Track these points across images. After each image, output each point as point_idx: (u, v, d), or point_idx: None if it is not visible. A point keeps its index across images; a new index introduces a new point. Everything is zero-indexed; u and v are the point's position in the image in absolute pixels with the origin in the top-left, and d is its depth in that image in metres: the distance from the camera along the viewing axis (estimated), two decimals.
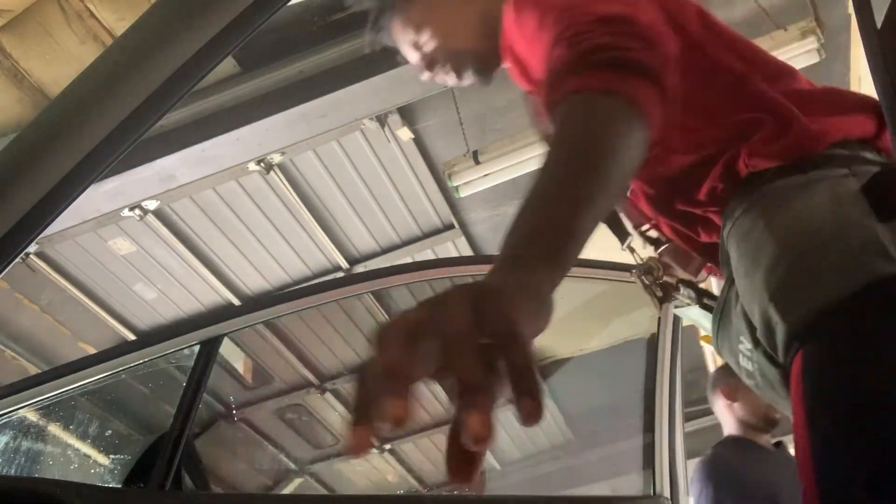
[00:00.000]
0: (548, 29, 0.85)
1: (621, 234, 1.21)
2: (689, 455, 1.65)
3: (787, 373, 0.77)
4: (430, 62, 1.21)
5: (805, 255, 0.78)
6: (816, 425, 0.69)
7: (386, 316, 4.01)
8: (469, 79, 1.20)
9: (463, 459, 0.46)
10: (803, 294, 0.76)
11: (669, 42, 0.82)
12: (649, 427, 1.56)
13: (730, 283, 0.92)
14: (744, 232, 0.86)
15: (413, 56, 1.24)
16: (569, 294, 1.84)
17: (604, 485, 2.43)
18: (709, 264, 1.12)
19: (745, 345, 0.87)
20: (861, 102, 0.93)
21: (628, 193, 1.10)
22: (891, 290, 0.71)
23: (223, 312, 1.64)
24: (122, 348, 1.62)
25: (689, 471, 1.91)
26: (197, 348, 1.54)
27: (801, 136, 0.86)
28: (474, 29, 1.16)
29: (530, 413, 0.45)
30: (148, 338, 1.61)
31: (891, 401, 0.65)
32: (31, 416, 1.73)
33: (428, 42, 1.20)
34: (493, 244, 4.53)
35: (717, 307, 0.98)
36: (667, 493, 1.60)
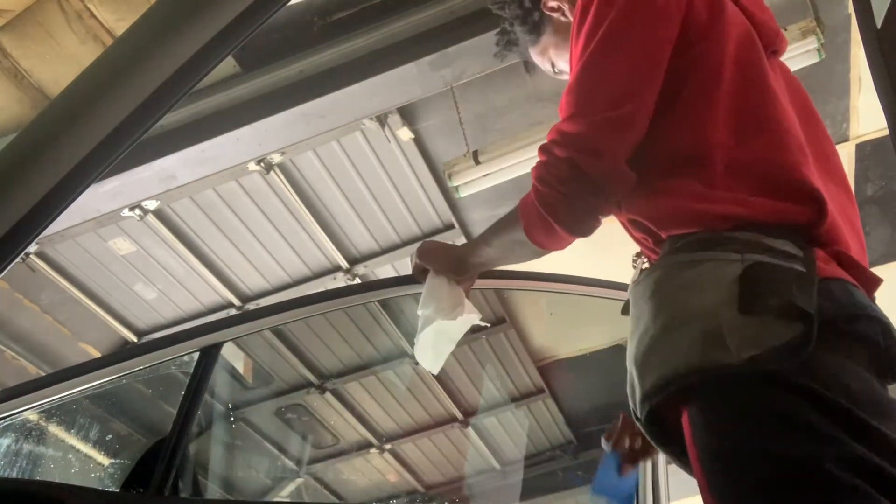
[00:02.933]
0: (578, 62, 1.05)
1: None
2: None
3: (644, 426, 0.92)
4: None
5: (663, 333, 0.88)
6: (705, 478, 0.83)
7: (387, 317, 4.02)
8: None
9: None
10: (652, 366, 0.88)
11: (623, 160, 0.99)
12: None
13: None
14: (637, 296, 0.98)
15: (554, 75, 1.38)
16: (569, 297, 1.84)
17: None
18: None
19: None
20: (802, 188, 0.94)
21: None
22: (710, 377, 0.82)
23: (223, 320, 1.64)
24: (122, 354, 1.62)
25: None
26: (196, 355, 1.54)
27: (707, 215, 0.93)
28: None
29: None
30: (148, 344, 1.61)
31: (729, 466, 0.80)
32: (33, 419, 1.73)
33: (563, 73, 1.33)
34: None
35: None
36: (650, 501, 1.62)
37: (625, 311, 1.07)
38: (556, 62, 1.33)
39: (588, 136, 0.97)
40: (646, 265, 1.12)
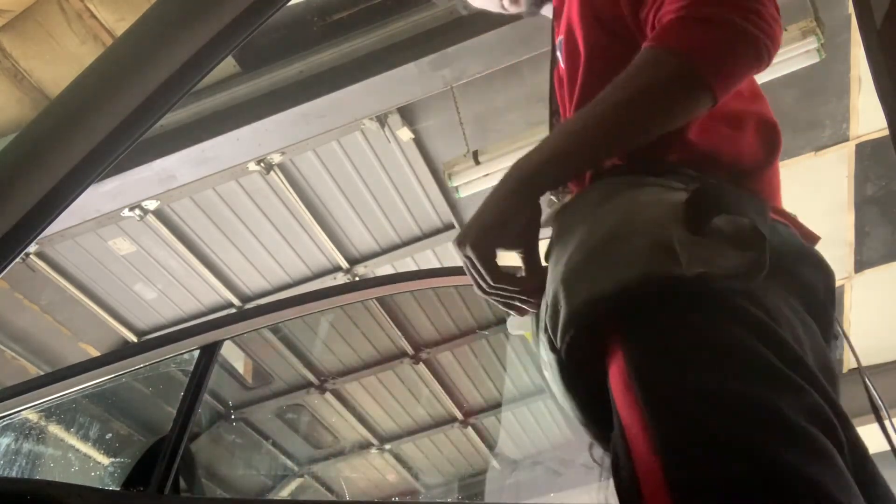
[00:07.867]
0: None
1: None
2: None
3: (561, 360, 0.76)
4: None
5: (603, 244, 0.76)
6: (650, 424, 0.66)
7: (387, 317, 4.02)
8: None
9: None
10: (588, 280, 0.74)
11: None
12: None
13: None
14: (565, 219, 0.84)
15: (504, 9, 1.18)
16: None
17: (605, 485, 2.43)
18: None
19: (542, 332, 0.83)
20: (760, 122, 0.89)
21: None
22: (665, 288, 0.70)
23: (223, 318, 1.64)
24: (123, 353, 1.63)
25: None
26: (196, 353, 1.54)
27: (658, 147, 0.83)
28: None
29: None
30: (148, 342, 1.61)
31: (691, 393, 0.66)
32: (33, 418, 1.73)
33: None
34: None
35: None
36: None
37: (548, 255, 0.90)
38: None
39: None
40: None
